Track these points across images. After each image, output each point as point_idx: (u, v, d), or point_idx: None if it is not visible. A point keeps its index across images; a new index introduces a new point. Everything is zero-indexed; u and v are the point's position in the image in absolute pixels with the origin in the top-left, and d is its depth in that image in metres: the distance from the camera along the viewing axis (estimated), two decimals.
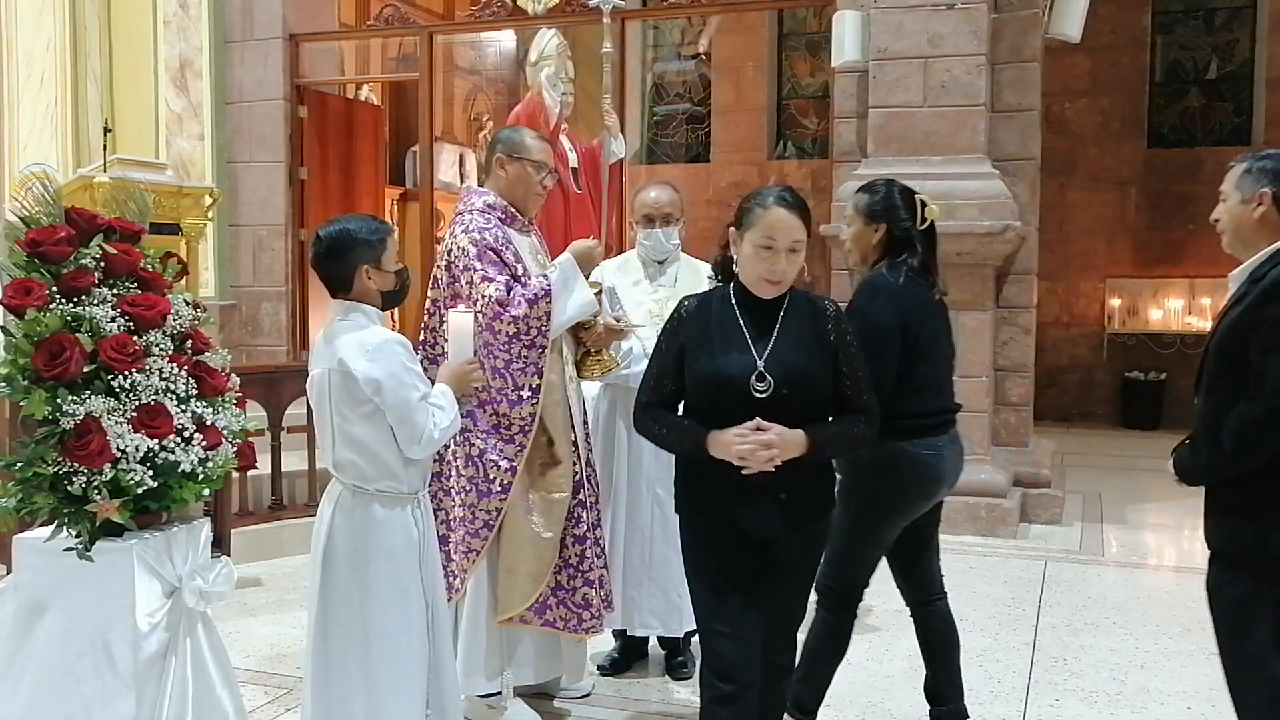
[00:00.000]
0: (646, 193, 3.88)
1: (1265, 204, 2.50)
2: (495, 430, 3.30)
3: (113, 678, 2.48)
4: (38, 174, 3.00)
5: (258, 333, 8.11)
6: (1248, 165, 2.59)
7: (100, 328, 2.50)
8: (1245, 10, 10.73)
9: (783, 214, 2.48)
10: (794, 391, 2.48)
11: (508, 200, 3.43)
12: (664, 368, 2.62)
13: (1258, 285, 2.44)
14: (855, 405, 2.59)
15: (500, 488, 3.29)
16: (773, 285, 2.51)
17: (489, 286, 3.24)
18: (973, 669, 4.00)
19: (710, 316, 2.57)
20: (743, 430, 2.42)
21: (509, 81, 11.32)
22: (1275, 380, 2.35)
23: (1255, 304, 2.43)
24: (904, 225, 3.13)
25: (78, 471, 2.42)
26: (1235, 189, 2.60)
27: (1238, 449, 2.41)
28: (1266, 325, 2.38)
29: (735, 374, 2.48)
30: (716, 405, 2.49)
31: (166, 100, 7.75)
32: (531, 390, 3.28)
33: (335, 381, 2.60)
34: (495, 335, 3.24)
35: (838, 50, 6.46)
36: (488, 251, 3.29)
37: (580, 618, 3.42)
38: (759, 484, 2.46)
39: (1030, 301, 6.50)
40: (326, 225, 2.70)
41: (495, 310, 3.22)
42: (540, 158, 3.46)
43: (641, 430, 2.66)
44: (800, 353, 2.51)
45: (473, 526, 3.32)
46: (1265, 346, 2.38)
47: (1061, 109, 10.55)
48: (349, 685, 2.63)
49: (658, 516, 3.76)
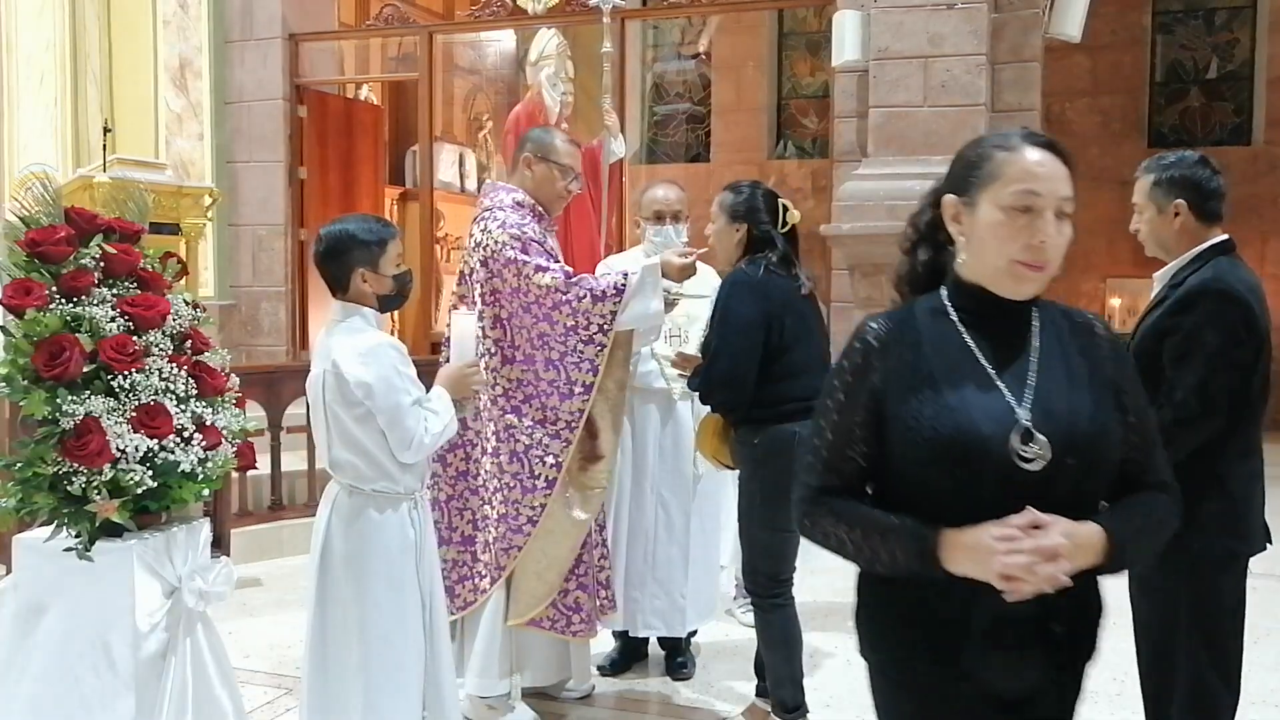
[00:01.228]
0: (655, 190, 3.89)
1: (1182, 213, 2.54)
2: (541, 425, 3.26)
3: (112, 678, 2.47)
4: (38, 174, 3.00)
5: (257, 333, 8.10)
6: (1155, 176, 2.60)
7: (100, 328, 2.50)
8: (1245, 10, 10.74)
9: (1042, 157, 1.59)
10: (1080, 459, 1.57)
11: (534, 199, 3.42)
12: (846, 430, 1.65)
13: (1176, 291, 2.49)
14: (1150, 480, 1.70)
15: (545, 484, 3.26)
16: (1035, 271, 1.62)
17: (544, 276, 3.20)
18: None
19: (921, 341, 1.64)
20: (1009, 529, 1.49)
21: (509, 81, 11.31)
22: (1184, 390, 2.40)
23: (1170, 311, 2.48)
24: (763, 226, 3.25)
25: (77, 471, 2.42)
26: (1149, 201, 2.62)
27: None
28: (1179, 334, 2.43)
29: (986, 432, 1.55)
30: (954, 485, 1.56)
31: (166, 100, 7.75)
32: (584, 386, 3.23)
33: (330, 383, 2.60)
34: (553, 326, 3.21)
35: (838, 50, 6.46)
36: (533, 243, 3.26)
37: (569, 620, 3.40)
38: (1021, 615, 1.53)
39: None
40: (330, 224, 2.70)
41: (555, 299, 3.19)
42: (568, 162, 3.45)
43: (812, 534, 1.69)
44: (1080, 396, 1.61)
45: (516, 523, 3.28)
46: (1175, 356, 2.43)
47: (1061, 109, 10.56)
48: (347, 685, 2.63)
49: (661, 518, 3.77)
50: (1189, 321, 2.42)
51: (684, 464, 3.78)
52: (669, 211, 3.80)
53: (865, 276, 6.29)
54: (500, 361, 3.29)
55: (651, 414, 3.80)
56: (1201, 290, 2.44)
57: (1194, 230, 2.54)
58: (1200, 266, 2.51)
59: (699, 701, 3.65)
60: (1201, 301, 2.43)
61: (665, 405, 3.79)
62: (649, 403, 3.80)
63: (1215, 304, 2.42)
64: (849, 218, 6.25)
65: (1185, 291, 2.47)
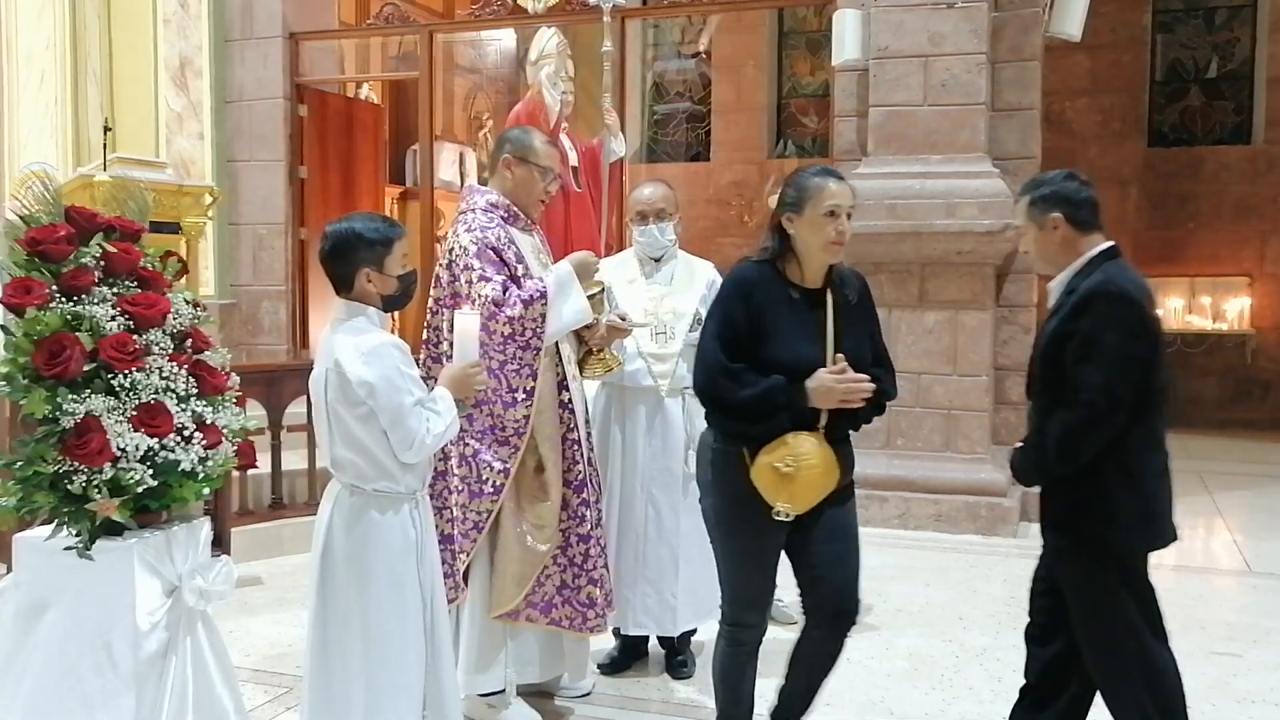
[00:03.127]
0: (640, 190, 3.89)
1: (1060, 226, 2.72)
2: (490, 431, 3.30)
3: (113, 677, 2.48)
4: (38, 173, 3.01)
5: (258, 332, 8.11)
6: (1030, 197, 2.78)
7: (100, 327, 2.50)
8: (1245, 9, 10.73)
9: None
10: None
11: (511, 200, 3.44)
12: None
13: (1071, 298, 2.64)
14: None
15: (492, 489, 3.29)
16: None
17: (485, 286, 3.24)
18: (973, 668, 4.00)
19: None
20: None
21: (509, 80, 11.31)
22: (1089, 389, 2.53)
23: (1068, 317, 2.62)
24: None
25: (78, 470, 2.42)
26: (1030, 221, 2.79)
27: (1060, 454, 2.60)
28: (1077, 337, 2.57)
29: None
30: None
31: (166, 99, 7.75)
32: (526, 393, 3.27)
33: (332, 381, 2.59)
34: (490, 335, 3.24)
35: (838, 49, 6.46)
36: (487, 250, 3.29)
37: (585, 616, 3.42)
38: None
39: (1031, 300, 6.50)
40: (336, 222, 2.68)
41: (491, 310, 3.22)
42: (547, 163, 3.46)
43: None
44: None
45: (463, 527, 3.32)
46: (1076, 357, 2.57)
47: (1061, 108, 10.55)
48: (348, 684, 2.63)
49: (651, 516, 3.77)
50: (1087, 324, 2.56)
51: (673, 462, 3.78)
52: (651, 210, 3.80)
53: (865, 275, 6.28)
54: None
55: (640, 412, 3.80)
56: (1095, 293, 2.58)
57: (1074, 239, 2.72)
58: (1092, 271, 2.66)
59: (699, 701, 3.65)
60: (1096, 304, 2.57)
61: (653, 403, 3.78)
62: (638, 402, 3.80)
63: (1110, 305, 2.56)
64: None
65: (1080, 296, 2.61)
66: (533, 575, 3.35)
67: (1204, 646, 4.24)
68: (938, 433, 6.19)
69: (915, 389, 6.18)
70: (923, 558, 5.55)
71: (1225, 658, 4.12)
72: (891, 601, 4.75)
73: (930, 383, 6.18)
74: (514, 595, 3.33)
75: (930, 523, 6.06)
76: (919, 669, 3.99)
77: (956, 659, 4.09)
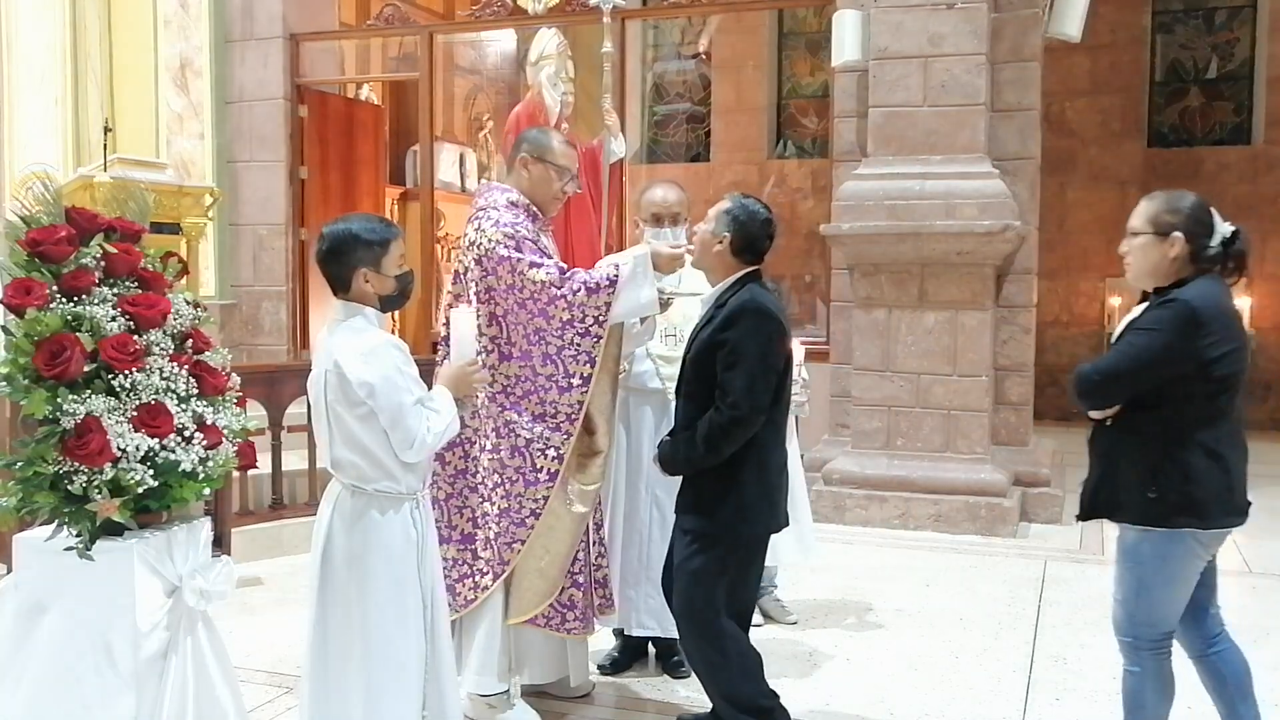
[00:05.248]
0: (654, 191, 3.87)
1: (724, 244, 3.08)
2: (541, 419, 3.27)
3: (113, 677, 2.48)
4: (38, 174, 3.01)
5: (258, 332, 8.11)
6: (725, 208, 3.13)
7: (101, 327, 2.50)
8: (1245, 10, 10.74)
9: None
10: None
11: (529, 199, 3.43)
12: None
13: (722, 310, 3.01)
14: None
15: (548, 476, 3.27)
16: None
17: (538, 271, 3.21)
18: (972, 668, 4.00)
19: None
20: None
21: (509, 81, 11.31)
22: (735, 394, 2.92)
23: (719, 328, 2.99)
24: None
25: (78, 471, 2.42)
26: (713, 235, 3.12)
27: (707, 449, 2.98)
28: (726, 347, 2.95)
29: None
30: None
31: (167, 100, 7.75)
32: (582, 379, 3.25)
33: (332, 382, 2.60)
34: (549, 320, 3.22)
35: (838, 50, 6.46)
36: (526, 241, 3.27)
37: (564, 617, 3.40)
38: None
39: (1030, 301, 6.50)
40: (333, 223, 2.69)
41: (550, 294, 3.20)
42: (565, 163, 3.46)
43: None
44: None
45: (518, 516, 3.29)
46: (725, 364, 2.95)
47: (1061, 109, 10.55)
48: (347, 685, 2.63)
49: (656, 517, 3.77)
50: (734, 335, 2.95)
51: None
52: (667, 214, 3.79)
53: (865, 276, 6.30)
54: (498, 359, 3.30)
55: (646, 414, 3.80)
56: (741, 310, 2.98)
57: (731, 263, 3.09)
58: (739, 290, 3.05)
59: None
60: (742, 318, 2.97)
61: (660, 405, 3.79)
62: (644, 403, 3.80)
63: (754, 320, 2.97)
64: (849, 217, 6.25)
65: (729, 310, 2.99)
66: (570, 554, 3.34)
67: None
68: (937, 433, 6.19)
69: (915, 389, 6.19)
70: (922, 558, 5.55)
71: None
72: (891, 602, 4.75)
73: (930, 383, 6.18)
74: (547, 595, 3.33)
75: (930, 523, 6.07)
76: (918, 669, 3.99)
77: (955, 659, 4.09)
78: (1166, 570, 2.79)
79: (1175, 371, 2.71)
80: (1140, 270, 2.85)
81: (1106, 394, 2.81)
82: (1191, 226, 2.79)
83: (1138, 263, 2.84)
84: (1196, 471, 2.73)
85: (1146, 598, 2.83)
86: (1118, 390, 2.79)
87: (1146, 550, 2.80)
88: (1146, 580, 2.82)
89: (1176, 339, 2.68)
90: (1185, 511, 2.73)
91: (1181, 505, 2.73)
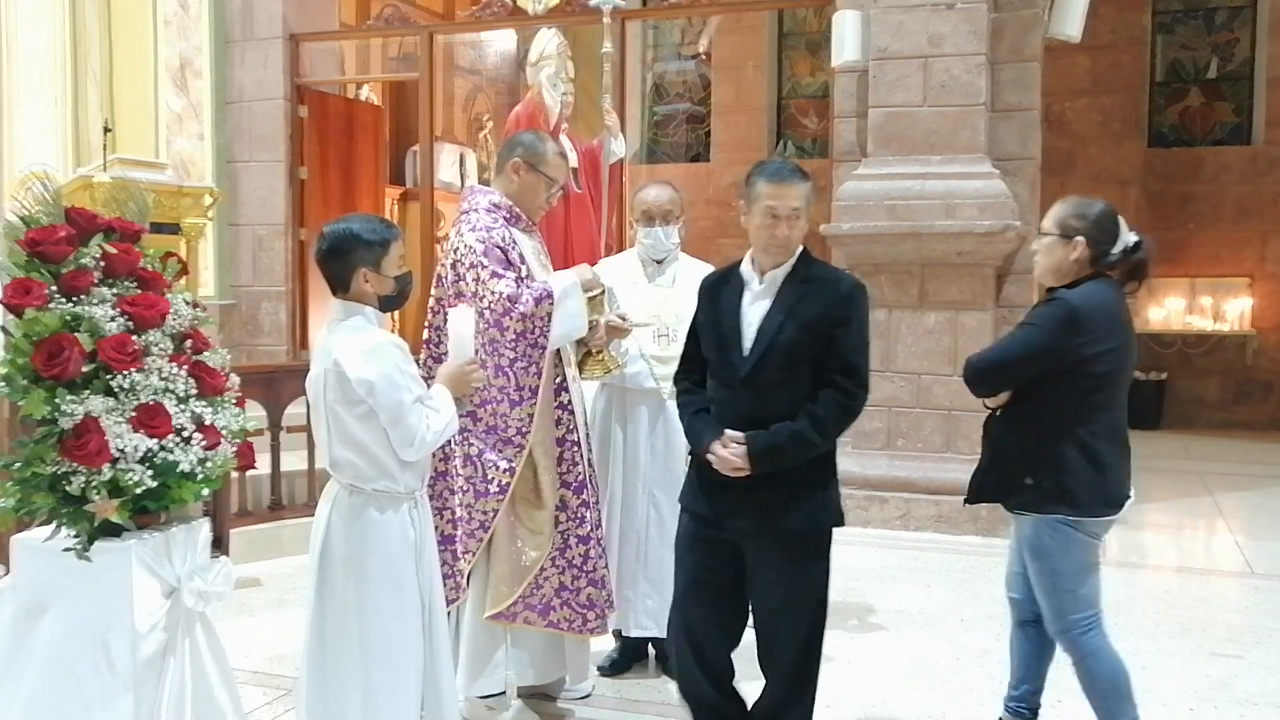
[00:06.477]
0: (646, 191, 3.87)
1: None
2: (494, 431, 3.29)
3: (111, 678, 2.47)
4: (38, 174, 3.00)
5: (257, 332, 8.11)
6: None
7: (100, 327, 2.50)
8: (1245, 10, 10.74)
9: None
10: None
11: (514, 203, 3.43)
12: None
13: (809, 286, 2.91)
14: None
15: (498, 489, 3.28)
16: None
17: (498, 283, 3.22)
18: (973, 669, 3.99)
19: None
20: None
21: (509, 81, 11.31)
22: (864, 373, 2.84)
23: (837, 304, 2.86)
24: None
25: (76, 471, 2.41)
26: None
27: (835, 433, 2.86)
28: (851, 324, 2.84)
29: None
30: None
31: (166, 100, 7.75)
32: (531, 391, 3.27)
33: (331, 381, 2.59)
34: (503, 332, 3.23)
35: (838, 50, 6.46)
36: (495, 249, 3.28)
37: (585, 618, 3.41)
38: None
39: (1030, 301, 6.48)
40: (333, 223, 2.69)
41: (505, 306, 3.21)
42: (556, 175, 3.46)
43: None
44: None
45: (469, 527, 3.31)
46: (851, 344, 2.85)
47: (1061, 109, 10.55)
48: (345, 685, 2.62)
49: (653, 517, 3.76)
50: (857, 314, 2.87)
51: (675, 463, 3.77)
52: (659, 212, 3.79)
53: (865, 276, 6.28)
54: None
55: (642, 414, 3.80)
56: (853, 287, 2.90)
57: None
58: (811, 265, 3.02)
59: None
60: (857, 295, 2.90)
61: (655, 405, 3.78)
62: (640, 403, 3.80)
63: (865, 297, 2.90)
64: (849, 217, 6.25)
65: (844, 289, 2.89)
66: (526, 579, 3.34)
67: (1205, 648, 4.23)
68: (938, 433, 6.18)
69: (915, 390, 6.18)
70: (923, 559, 5.55)
71: (1227, 659, 4.11)
72: (892, 602, 4.75)
73: (930, 383, 6.18)
74: (507, 596, 3.32)
75: (931, 524, 6.06)
76: (919, 670, 3.99)
77: (957, 660, 4.09)
78: (1071, 559, 2.97)
79: (1052, 365, 2.88)
80: (1044, 269, 3.04)
81: (988, 382, 3.01)
82: (1094, 233, 2.95)
83: (1042, 261, 3.04)
84: (1070, 462, 2.90)
85: (1065, 587, 2.99)
86: (998, 380, 3.00)
87: (1048, 543, 2.99)
88: (1059, 570, 2.99)
89: (1055, 335, 2.86)
90: (1058, 500, 2.93)
91: (1054, 494, 2.93)
